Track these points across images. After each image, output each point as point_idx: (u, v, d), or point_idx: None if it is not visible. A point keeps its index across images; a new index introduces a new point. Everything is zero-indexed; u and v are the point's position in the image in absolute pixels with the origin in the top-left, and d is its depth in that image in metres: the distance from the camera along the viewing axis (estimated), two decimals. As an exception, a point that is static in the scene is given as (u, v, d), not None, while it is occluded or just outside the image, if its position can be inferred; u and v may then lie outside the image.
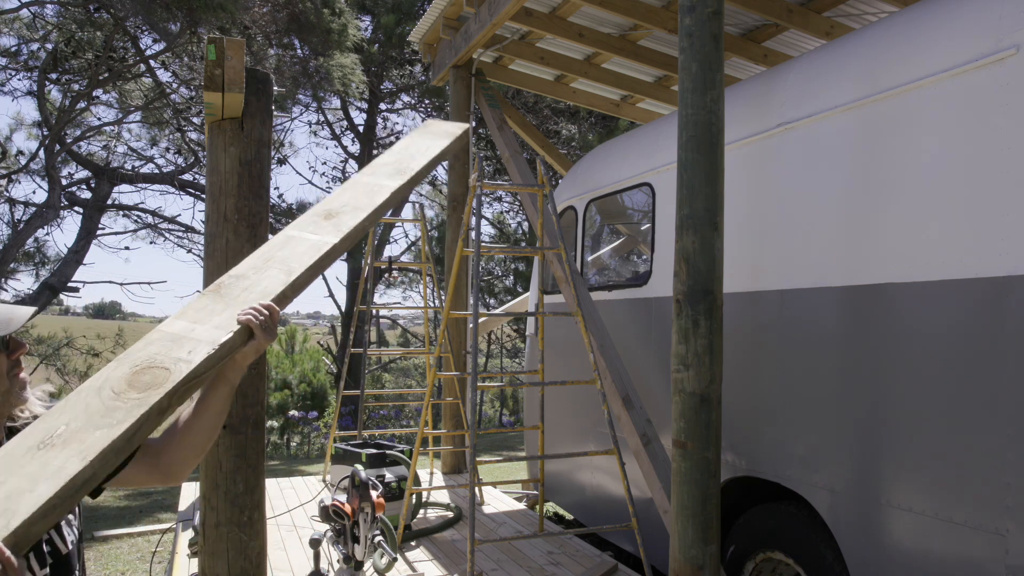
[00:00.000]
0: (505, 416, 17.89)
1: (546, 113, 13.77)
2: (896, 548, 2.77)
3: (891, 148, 2.92)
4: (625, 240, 5.66)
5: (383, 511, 3.70)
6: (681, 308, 2.95)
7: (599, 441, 4.81)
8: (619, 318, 4.65)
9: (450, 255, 6.54)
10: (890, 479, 2.82)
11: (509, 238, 17.98)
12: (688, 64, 2.97)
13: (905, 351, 2.79)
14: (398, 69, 14.38)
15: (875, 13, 5.66)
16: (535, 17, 5.89)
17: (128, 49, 11.03)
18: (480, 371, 10.36)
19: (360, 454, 5.02)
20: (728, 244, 3.09)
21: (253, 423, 2.65)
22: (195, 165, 13.00)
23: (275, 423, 12.52)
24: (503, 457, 9.92)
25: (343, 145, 15.98)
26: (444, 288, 6.13)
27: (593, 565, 4.22)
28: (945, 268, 2.66)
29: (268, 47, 10.59)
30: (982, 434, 2.50)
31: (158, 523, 6.57)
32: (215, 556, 2.59)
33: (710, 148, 2.93)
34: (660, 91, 7.33)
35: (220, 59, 2.43)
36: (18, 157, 12.25)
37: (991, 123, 2.54)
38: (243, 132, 2.61)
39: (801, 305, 3.28)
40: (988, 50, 2.57)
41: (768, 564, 3.44)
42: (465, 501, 5.75)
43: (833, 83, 3.25)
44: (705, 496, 2.89)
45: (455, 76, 6.75)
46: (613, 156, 5.09)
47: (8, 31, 11.38)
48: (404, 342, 21.16)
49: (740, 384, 3.53)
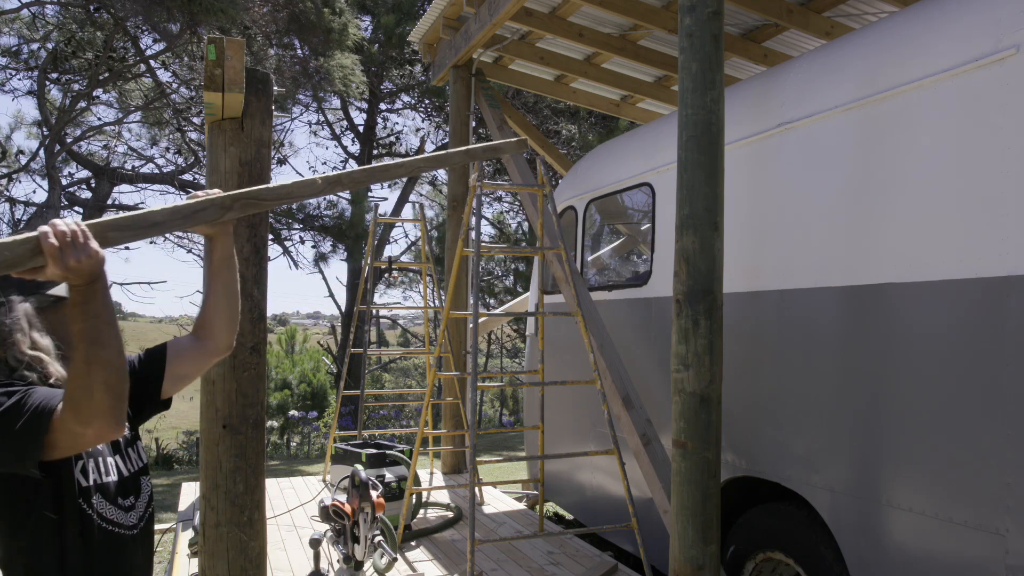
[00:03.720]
0: (505, 416, 17.89)
1: (546, 113, 13.77)
2: (896, 548, 2.77)
3: (891, 148, 2.92)
4: (625, 240, 5.66)
5: (383, 511, 3.70)
6: (681, 308, 2.95)
7: (599, 441, 4.81)
8: (619, 318, 4.65)
9: (450, 255, 6.54)
10: (890, 479, 2.82)
11: (509, 238, 17.98)
12: (688, 64, 2.97)
13: (905, 351, 2.79)
14: (398, 69, 14.38)
15: (875, 13, 5.66)
16: (535, 17, 5.89)
17: (128, 49, 11.03)
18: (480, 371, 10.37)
19: (360, 454, 5.02)
20: (728, 244, 3.09)
21: (253, 423, 2.65)
22: (195, 165, 13.01)
23: (275, 423, 12.53)
24: (503, 457, 9.93)
25: (343, 145, 15.99)
26: (444, 288, 6.13)
27: (593, 565, 4.22)
28: (945, 268, 2.66)
29: (268, 47, 10.59)
30: (982, 434, 2.49)
31: (158, 523, 6.56)
32: (215, 556, 2.59)
33: (710, 148, 2.93)
34: (660, 91, 7.33)
35: (220, 59, 2.43)
36: (18, 157, 12.26)
37: (991, 123, 2.54)
38: (243, 132, 2.61)
39: (801, 305, 3.28)
40: (988, 50, 2.57)
41: (768, 564, 3.44)
42: (465, 501, 5.75)
43: (833, 83, 3.25)
44: (705, 496, 2.89)
45: (455, 76, 6.76)
46: (613, 156, 5.09)
47: (8, 31, 11.39)
48: (404, 342, 21.17)
49: (740, 384, 3.52)
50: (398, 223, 16.62)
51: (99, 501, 1.56)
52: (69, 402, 1.35)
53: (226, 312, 1.73)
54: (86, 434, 1.37)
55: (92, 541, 1.53)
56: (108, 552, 1.56)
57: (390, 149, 16.33)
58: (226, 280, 1.71)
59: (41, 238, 1.24)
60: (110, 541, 1.56)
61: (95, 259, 1.28)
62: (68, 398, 1.35)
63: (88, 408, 1.33)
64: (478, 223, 4.28)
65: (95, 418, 1.34)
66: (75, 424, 1.35)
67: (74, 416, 1.35)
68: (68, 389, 1.35)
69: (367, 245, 6.79)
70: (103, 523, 1.55)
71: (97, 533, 1.54)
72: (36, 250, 1.25)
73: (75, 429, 1.36)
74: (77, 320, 1.31)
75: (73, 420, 1.35)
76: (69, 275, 1.27)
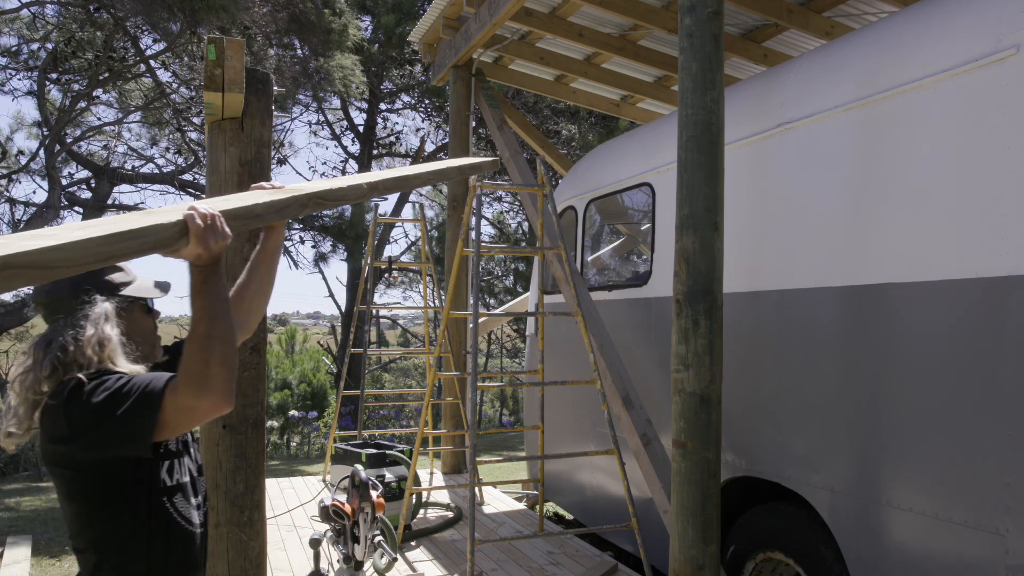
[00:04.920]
0: (505, 416, 17.89)
1: (546, 113, 13.77)
2: (896, 548, 2.77)
3: (891, 148, 2.92)
4: (625, 240, 5.66)
5: (383, 511, 3.70)
6: (681, 308, 2.95)
7: (599, 441, 4.81)
8: (619, 318, 4.65)
9: (450, 255, 6.54)
10: (890, 479, 2.82)
11: (509, 238, 17.98)
12: (688, 64, 2.97)
13: (905, 351, 2.79)
14: (398, 69, 14.38)
15: (875, 13, 5.66)
16: (535, 17, 5.90)
17: (128, 49, 11.03)
18: (480, 371, 10.36)
19: (360, 454, 5.02)
20: (728, 244, 3.09)
21: (253, 423, 2.65)
22: (195, 165, 13.00)
23: (275, 423, 12.52)
24: (503, 457, 9.92)
25: (343, 145, 15.98)
26: (444, 288, 6.13)
27: (593, 565, 4.22)
28: (945, 268, 2.66)
29: (268, 47, 10.58)
30: (982, 434, 2.49)
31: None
32: (215, 556, 2.59)
33: (710, 148, 2.93)
34: (660, 91, 7.33)
35: (220, 59, 2.43)
36: (18, 157, 12.26)
37: (991, 123, 2.54)
38: (243, 132, 2.61)
39: (801, 305, 3.28)
40: (988, 50, 2.57)
41: (768, 564, 3.44)
42: (465, 501, 5.75)
43: (833, 83, 3.25)
44: (705, 496, 2.89)
45: (455, 76, 6.76)
46: (613, 156, 5.09)
47: (8, 31, 11.39)
48: (404, 342, 21.16)
49: (740, 384, 3.52)
50: (398, 223, 16.61)
51: (179, 499, 1.67)
52: (187, 376, 1.42)
53: (265, 296, 1.92)
54: (200, 407, 1.44)
55: (172, 537, 1.65)
56: (183, 546, 1.67)
57: (390, 149, 16.34)
58: (272, 267, 1.91)
59: (189, 220, 1.37)
60: (185, 536, 1.68)
61: (226, 241, 1.42)
62: (186, 372, 1.42)
63: (205, 381, 1.41)
64: (478, 223, 4.28)
65: (212, 391, 1.42)
66: (192, 398, 1.43)
67: (192, 389, 1.42)
68: (186, 364, 1.43)
69: (367, 245, 6.79)
70: (181, 520, 1.67)
71: (175, 529, 1.65)
72: (184, 231, 1.37)
73: (191, 403, 1.43)
74: (199, 297, 1.43)
75: (191, 394, 1.42)
76: (203, 255, 1.40)
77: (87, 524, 1.59)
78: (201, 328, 1.42)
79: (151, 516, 1.61)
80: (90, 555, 1.60)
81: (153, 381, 1.49)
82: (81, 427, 1.48)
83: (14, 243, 1.08)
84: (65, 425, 1.50)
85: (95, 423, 1.47)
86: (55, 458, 1.56)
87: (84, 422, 1.48)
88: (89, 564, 1.60)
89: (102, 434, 1.48)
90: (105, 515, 1.58)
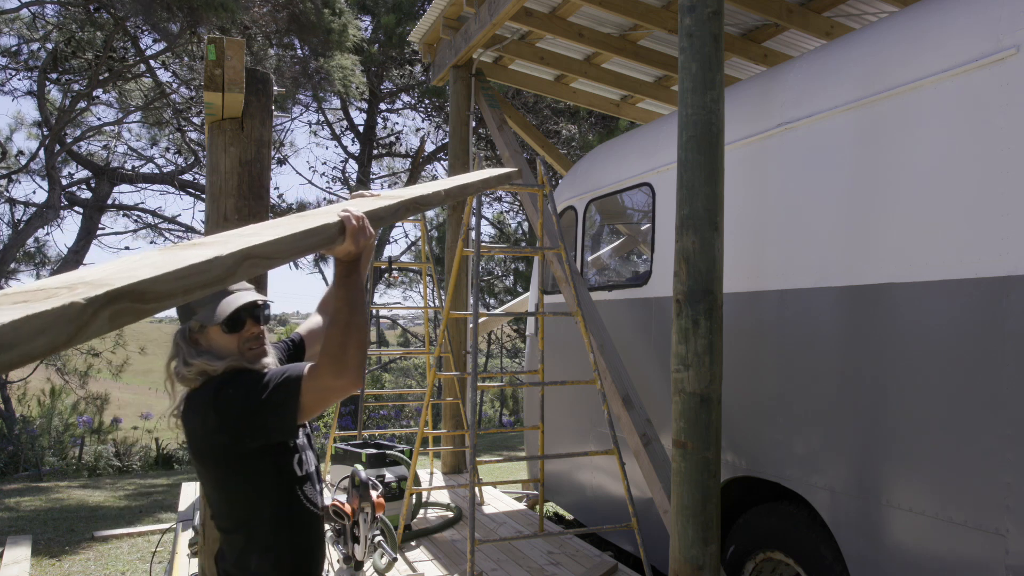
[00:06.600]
0: (505, 416, 17.89)
1: (546, 113, 13.77)
2: (896, 548, 2.77)
3: (891, 148, 2.92)
4: (625, 240, 5.66)
5: (383, 511, 3.70)
6: (681, 308, 2.95)
7: (599, 441, 4.81)
8: (619, 318, 4.65)
9: (450, 255, 6.54)
10: (890, 479, 2.82)
11: (509, 238, 17.98)
12: (688, 64, 2.97)
13: (905, 351, 2.79)
14: (398, 69, 14.38)
15: (875, 13, 5.66)
16: (535, 17, 5.89)
17: (128, 49, 11.04)
18: (480, 371, 10.36)
19: (360, 454, 5.01)
20: (728, 244, 3.09)
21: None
22: (195, 165, 13.01)
23: (275, 423, 12.51)
24: (503, 457, 9.92)
25: (343, 145, 16.00)
26: (444, 288, 6.12)
27: (593, 565, 4.22)
28: (945, 268, 2.66)
29: (268, 47, 10.58)
30: (982, 434, 2.49)
31: (158, 523, 6.57)
32: (215, 556, 2.58)
33: (710, 148, 2.93)
34: (660, 91, 7.33)
35: (220, 59, 2.43)
36: (18, 157, 12.26)
37: (991, 123, 2.54)
38: (243, 132, 2.61)
39: (801, 305, 3.28)
40: (988, 50, 2.57)
41: (768, 564, 3.44)
42: (465, 501, 5.75)
43: (833, 83, 3.25)
44: (705, 496, 2.89)
45: (455, 76, 6.75)
46: (613, 156, 5.09)
47: (8, 31, 11.39)
48: (404, 342, 21.16)
49: (740, 384, 3.52)
50: (398, 223, 16.61)
51: (308, 487, 1.89)
52: (327, 357, 1.61)
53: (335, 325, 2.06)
54: (336, 387, 1.62)
55: (305, 519, 1.87)
56: (312, 530, 1.90)
57: (390, 149, 16.34)
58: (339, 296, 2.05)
59: (345, 221, 1.54)
60: (313, 521, 1.91)
61: (370, 240, 1.61)
62: (326, 354, 1.62)
63: (344, 362, 1.60)
64: (478, 223, 4.28)
65: (348, 371, 1.61)
66: (332, 377, 1.61)
67: (331, 371, 1.61)
68: (326, 346, 1.62)
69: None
70: (310, 506, 1.89)
71: (306, 515, 1.88)
72: (341, 230, 1.54)
73: (330, 383, 1.62)
74: (343, 288, 1.63)
75: (330, 374, 1.61)
76: (353, 251, 1.58)
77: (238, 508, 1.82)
78: (343, 316, 1.60)
79: (291, 503, 1.84)
80: (238, 536, 1.82)
81: (289, 370, 1.68)
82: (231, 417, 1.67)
83: (243, 239, 1.27)
84: (216, 418, 1.68)
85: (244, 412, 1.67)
86: (210, 451, 1.75)
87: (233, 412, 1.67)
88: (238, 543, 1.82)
89: (254, 421, 1.68)
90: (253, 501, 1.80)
